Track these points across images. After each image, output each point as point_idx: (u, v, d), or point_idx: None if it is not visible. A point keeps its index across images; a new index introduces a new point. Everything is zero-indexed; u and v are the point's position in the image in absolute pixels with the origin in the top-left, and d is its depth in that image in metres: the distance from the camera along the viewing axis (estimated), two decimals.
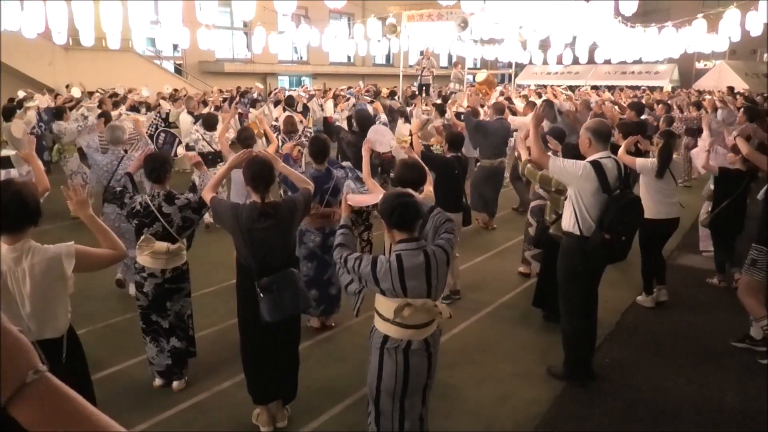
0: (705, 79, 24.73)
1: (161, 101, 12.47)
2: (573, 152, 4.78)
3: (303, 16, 21.38)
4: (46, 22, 9.90)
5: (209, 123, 7.84)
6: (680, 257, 5.51)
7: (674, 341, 4.87)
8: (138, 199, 3.86)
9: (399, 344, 2.87)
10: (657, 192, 5.25)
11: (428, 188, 4.05)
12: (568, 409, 3.91)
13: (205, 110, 10.09)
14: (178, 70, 21.40)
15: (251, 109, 12.21)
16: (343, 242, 3.05)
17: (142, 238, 3.84)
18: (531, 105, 9.66)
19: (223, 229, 5.68)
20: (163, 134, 6.25)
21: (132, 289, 5.34)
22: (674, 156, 5.47)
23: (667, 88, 24.41)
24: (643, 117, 9.05)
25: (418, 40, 15.99)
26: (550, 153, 5.25)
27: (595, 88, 23.89)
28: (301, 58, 26.05)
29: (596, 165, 3.83)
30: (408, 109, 11.78)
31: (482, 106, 12.11)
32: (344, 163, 5.42)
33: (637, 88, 22.91)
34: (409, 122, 10.47)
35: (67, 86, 14.46)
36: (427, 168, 4.04)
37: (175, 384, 4.06)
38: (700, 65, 28.13)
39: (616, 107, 11.45)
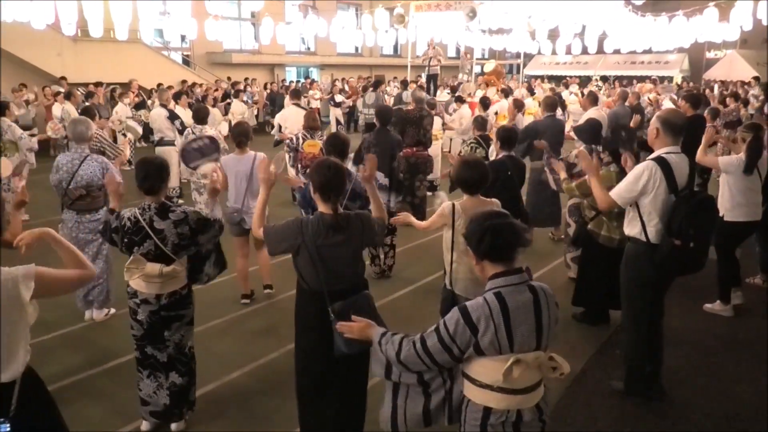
0: (716, 69, 24.51)
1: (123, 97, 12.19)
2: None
3: (311, 6, 21.30)
4: (56, 13, 9.93)
5: (199, 116, 7.37)
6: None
7: (685, 332, 4.85)
8: (126, 213, 3.34)
9: (507, 417, 2.18)
10: (740, 192, 4.91)
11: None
12: (578, 399, 3.91)
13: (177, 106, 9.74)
14: (186, 62, 21.39)
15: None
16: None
17: (130, 258, 3.32)
18: (592, 97, 8.78)
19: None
20: (203, 140, 5.25)
21: (95, 314, 5.07)
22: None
23: (678, 78, 24.18)
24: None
25: (426, 31, 15.90)
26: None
27: (604, 78, 23.71)
28: (309, 48, 25.98)
29: (660, 162, 3.43)
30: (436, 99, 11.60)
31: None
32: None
33: (647, 78, 22.68)
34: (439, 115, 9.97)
35: (61, 79, 14.47)
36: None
37: (173, 426, 3.54)
38: (710, 55, 27.83)
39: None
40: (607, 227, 4.69)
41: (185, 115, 9.38)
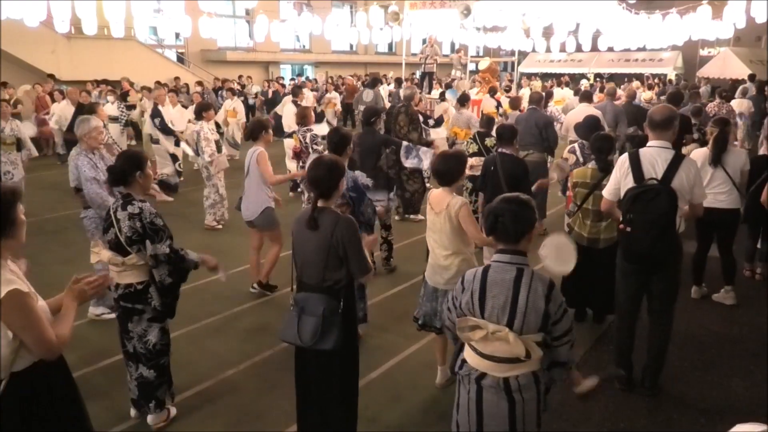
0: (709, 67, 24.49)
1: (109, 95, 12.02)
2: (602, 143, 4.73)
3: (305, 4, 21.26)
4: (49, 10, 9.89)
5: (195, 110, 7.66)
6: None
7: (679, 327, 4.86)
8: (110, 202, 3.53)
9: (471, 372, 2.47)
10: (709, 182, 5.07)
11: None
12: (572, 394, 3.84)
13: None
14: (181, 59, 21.34)
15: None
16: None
17: (94, 241, 3.42)
18: (612, 93, 9.08)
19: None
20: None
21: (90, 310, 5.00)
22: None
23: (671, 75, 24.22)
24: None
25: (421, 28, 15.90)
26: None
27: (598, 76, 23.74)
28: (304, 46, 25.94)
29: (632, 154, 3.67)
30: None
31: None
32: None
33: (641, 75, 22.70)
34: (438, 125, 9.46)
35: (49, 77, 14.45)
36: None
37: (149, 418, 3.60)
38: (704, 52, 27.88)
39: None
40: (579, 224, 4.67)
41: (170, 112, 9.42)
